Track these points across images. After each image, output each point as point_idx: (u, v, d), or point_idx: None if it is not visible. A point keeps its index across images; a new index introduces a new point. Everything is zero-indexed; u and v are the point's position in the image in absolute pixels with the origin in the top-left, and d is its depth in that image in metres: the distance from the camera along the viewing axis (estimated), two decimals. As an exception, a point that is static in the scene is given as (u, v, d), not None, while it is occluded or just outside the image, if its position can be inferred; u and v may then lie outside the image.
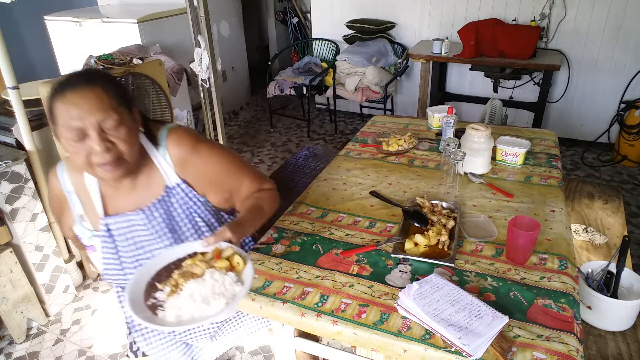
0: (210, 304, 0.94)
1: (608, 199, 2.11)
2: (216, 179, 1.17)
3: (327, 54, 4.58)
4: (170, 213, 1.15)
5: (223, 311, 0.93)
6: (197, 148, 1.15)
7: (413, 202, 1.47)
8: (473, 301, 1.02)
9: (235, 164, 1.20)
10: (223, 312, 0.93)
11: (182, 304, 0.94)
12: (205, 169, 1.16)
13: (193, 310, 0.93)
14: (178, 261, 1.05)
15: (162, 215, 1.14)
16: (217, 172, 1.17)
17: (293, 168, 2.70)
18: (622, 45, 3.51)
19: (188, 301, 0.94)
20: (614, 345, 1.28)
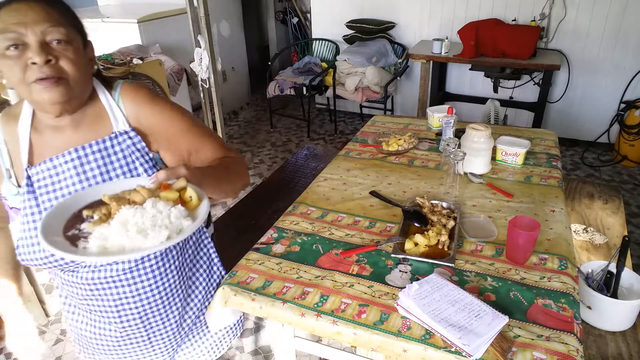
0: (147, 236, 0.79)
1: (608, 199, 2.11)
2: (173, 135, 1.04)
3: (327, 54, 4.58)
4: (110, 161, 0.97)
5: (162, 244, 0.79)
6: (155, 101, 1.03)
7: (413, 202, 1.47)
8: (473, 301, 1.02)
9: (196, 125, 1.07)
10: (161, 245, 0.79)
11: (111, 234, 0.79)
12: (161, 123, 1.02)
13: (124, 241, 0.78)
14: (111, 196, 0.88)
15: (97, 162, 0.96)
16: (175, 128, 1.04)
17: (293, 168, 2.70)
18: (622, 45, 3.51)
19: (119, 230, 0.79)
20: (614, 345, 1.28)
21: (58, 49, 0.86)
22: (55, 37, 0.86)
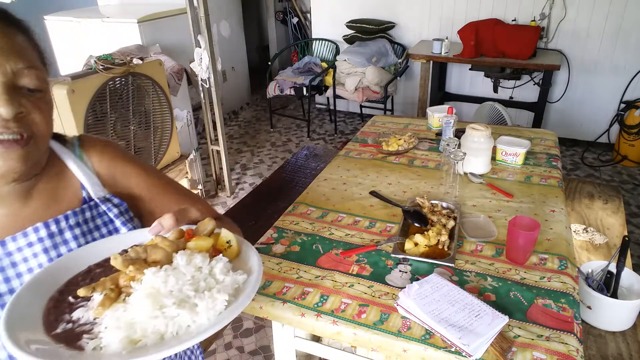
0: (196, 308, 0.55)
1: (608, 199, 2.11)
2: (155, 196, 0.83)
3: (327, 54, 4.58)
4: (93, 238, 0.74)
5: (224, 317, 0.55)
6: (128, 159, 0.82)
7: (413, 202, 1.47)
8: (473, 301, 1.02)
9: (177, 185, 0.90)
10: (225, 318, 0.55)
11: (137, 316, 0.54)
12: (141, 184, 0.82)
13: (160, 324, 0.54)
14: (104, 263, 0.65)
15: (77, 239, 0.72)
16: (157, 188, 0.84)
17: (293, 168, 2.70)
18: (622, 45, 3.51)
19: (150, 308, 0.54)
20: (614, 345, 1.28)
21: (30, 96, 0.65)
22: (30, 83, 0.64)
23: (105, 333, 0.53)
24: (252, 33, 5.90)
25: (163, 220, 0.67)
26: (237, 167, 3.81)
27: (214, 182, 3.41)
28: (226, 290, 0.57)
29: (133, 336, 0.53)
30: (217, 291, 0.57)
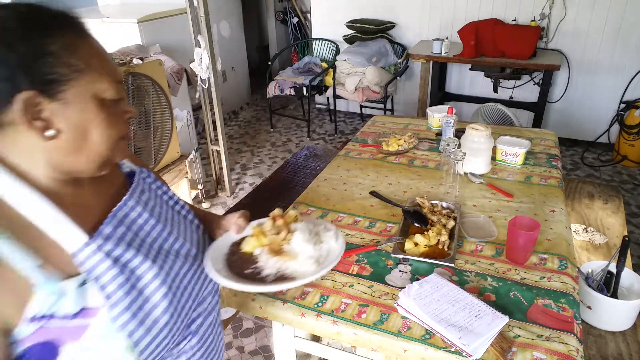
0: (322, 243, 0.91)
1: (608, 199, 2.11)
2: None
3: (327, 54, 4.58)
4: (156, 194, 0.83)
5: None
6: None
7: (413, 202, 1.47)
8: (473, 301, 1.02)
9: None
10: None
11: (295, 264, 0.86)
12: None
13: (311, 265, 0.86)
14: (231, 254, 0.89)
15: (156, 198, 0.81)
16: None
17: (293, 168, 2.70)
18: (622, 45, 3.51)
19: (305, 260, 0.86)
20: (614, 345, 1.28)
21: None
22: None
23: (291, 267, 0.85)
24: (252, 33, 5.90)
25: (239, 221, 0.90)
26: (237, 167, 3.81)
27: (214, 182, 3.41)
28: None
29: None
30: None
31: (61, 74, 0.59)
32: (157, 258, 0.72)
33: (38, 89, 0.58)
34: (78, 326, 0.61)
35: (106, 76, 0.64)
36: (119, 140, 0.68)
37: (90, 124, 0.63)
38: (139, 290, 0.67)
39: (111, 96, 0.65)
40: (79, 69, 0.61)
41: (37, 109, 0.59)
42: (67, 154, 0.63)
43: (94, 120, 0.63)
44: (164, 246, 0.76)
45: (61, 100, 0.60)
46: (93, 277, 0.63)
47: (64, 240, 0.63)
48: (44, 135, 0.60)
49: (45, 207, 0.62)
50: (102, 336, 0.62)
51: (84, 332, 0.61)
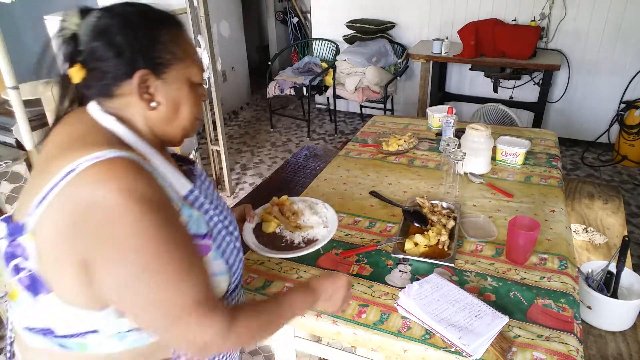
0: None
1: (608, 199, 2.11)
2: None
3: (327, 54, 4.58)
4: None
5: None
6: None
7: (413, 202, 1.47)
8: (473, 301, 1.02)
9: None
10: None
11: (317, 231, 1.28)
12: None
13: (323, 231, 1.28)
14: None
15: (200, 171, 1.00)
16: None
17: (293, 168, 2.70)
18: (622, 45, 3.51)
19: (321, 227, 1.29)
20: (614, 345, 1.28)
21: None
22: None
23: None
24: (252, 33, 5.90)
25: (252, 213, 1.25)
26: (237, 167, 3.81)
27: (214, 182, 3.41)
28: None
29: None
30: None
31: (167, 59, 0.76)
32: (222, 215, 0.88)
33: (150, 68, 0.74)
34: (205, 245, 0.80)
35: (196, 64, 0.81)
36: (196, 119, 0.84)
37: (182, 101, 0.80)
38: (228, 230, 0.86)
39: (198, 81, 0.82)
40: (179, 56, 0.78)
41: (146, 85, 0.75)
42: (162, 123, 0.80)
43: (185, 98, 0.80)
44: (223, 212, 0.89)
45: (164, 80, 0.77)
46: (204, 210, 0.82)
47: (177, 185, 0.79)
48: (150, 106, 0.77)
49: (159, 158, 0.79)
50: (212, 259, 0.80)
51: (209, 251, 0.80)
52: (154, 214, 0.67)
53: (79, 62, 0.74)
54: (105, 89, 0.75)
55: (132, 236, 0.66)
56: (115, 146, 0.71)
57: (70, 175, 0.65)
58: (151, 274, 0.67)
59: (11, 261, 0.71)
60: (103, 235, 0.65)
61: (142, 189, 0.67)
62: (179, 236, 0.72)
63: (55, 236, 0.67)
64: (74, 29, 0.74)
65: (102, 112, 0.76)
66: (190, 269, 0.71)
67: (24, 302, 0.73)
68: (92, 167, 0.66)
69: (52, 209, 0.66)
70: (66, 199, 0.65)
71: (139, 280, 0.67)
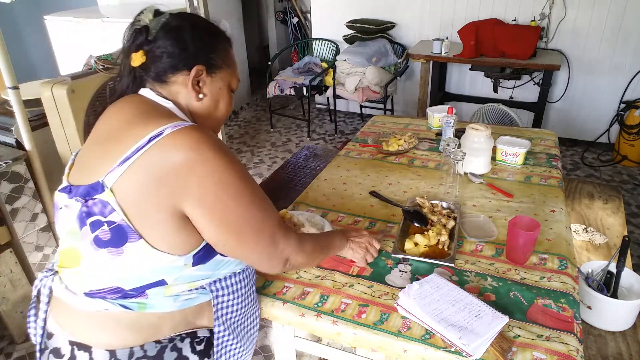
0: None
1: (608, 199, 2.11)
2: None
3: (327, 54, 4.58)
4: None
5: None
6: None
7: (413, 202, 1.47)
8: (473, 301, 1.02)
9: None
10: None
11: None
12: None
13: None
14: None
15: None
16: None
17: (293, 168, 2.70)
18: (622, 45, 3.51)
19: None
20: (614, 345, 1.28)
21: None
22: None
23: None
24: (252, 33, 5.90)
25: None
26: (237, 167, 3.80)
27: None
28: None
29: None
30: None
31: (219, 62, 0.94)
32: None
33: (205, 66, 0.91)
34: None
35: (236, 74, 1.01)
36: (224, 117, 1.01)
37: (220, 99, 0.97)
38: None
39: (234, 87, 1.01)
40: (227, 63, 0.96)
41: (198, 79, 0.91)
42: (202, 113, 0.95)
43: (224, 97, 0.98)
44: None
45: (213, 78, 0.94)
46: None
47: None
48: (198, 97, 0.93)
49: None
50: None
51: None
52: (236, 161, 0.85)
53: (144, 49, 0.88)
54: (163, 75, 0.90)
55: (228, 172, 0.82)
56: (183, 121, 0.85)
57: (157, 139, 0.78)
58: (247, 198, 0.85)
59: (88, 219, 0.80)
60: (213, 180, 0.80)
61: (223, 145, 0.84)
62: (251, 178, 0.89)
63: (144, 189, 0.78)
64: (147, 23, 0.88)
65: (159, 96, 0.91)
66: (267, 200, 0.91)
67: (94, 263, 0.82)
68: (179, 132, 0.80)
69: (137, 167, 0.78)
70: (155, 158, 0.78)
71: (239, 203, 0.84)
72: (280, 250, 0.93)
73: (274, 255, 0.93)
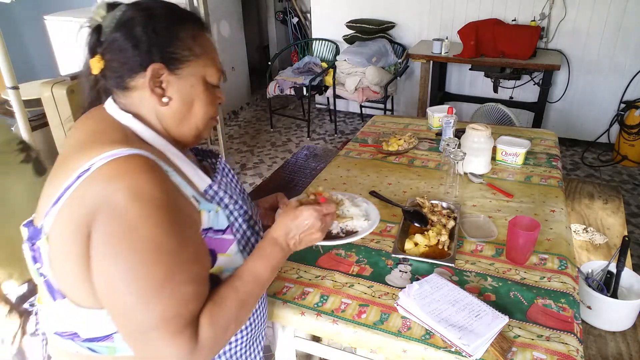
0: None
1: (608, 199, 2.11)
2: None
3: (327, 54, 4.58)
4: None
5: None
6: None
7: (413, 202, 1.47)
8: (473, 301, 1.02)
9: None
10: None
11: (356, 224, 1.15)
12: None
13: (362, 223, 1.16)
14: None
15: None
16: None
17: (293, 168, 2.70)
18: (622, 45, 3.51)
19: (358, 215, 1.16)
20: (614, 345, 1.28)
21: None
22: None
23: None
24: (252, 33, 5.90)
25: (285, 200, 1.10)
26: (237, 167, 3.81)
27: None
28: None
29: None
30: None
31: (183, 55, 0.76)
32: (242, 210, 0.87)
33: (164, 63, 0.75)
34: (227, 240, 0.81)
35: (214, 65, 0.81)
36: (210, 119, 0.83)
37: (195, 99, 0.79)
38: (249, 224, 0.87)
39: (214, 81, 0.82)
40: (196, 54, 0.78)
41: (159, 79, 0.76)
42: (174, 120, 0.79)
43: (198, 96, 0.80)
44: (244, 206, 0.89)
45: (178, 75, 0.77)
46: (224, 205, 0.82)
47: (196, 180, 0.80)
48: (161, 101, 0.77)
49: (178, 154, 0.79)
50: (233, 253, 0.82)
51: (230, 245, 0.81)
52: (156, 219, 0.66)
53: (99, 53, 0.75)
54: (121, 81, 0.76)
55: (129, 237, 0.65)
56: (131, 143, 0.71)
57: (85, 175, 0.66)
58: (135, 279, 0.65)
59: (35, 265, 0.71)
60: (106, 231, 0.65)
61: (150, 191, 0.66)
62: (174, 243, 0.68)
63: (65, 235, 0.67)
64: (99, 21, 0.75)
65: (118, 109, 0.77)
66: (172, 280, 0.67)
67: (49, 306, 0.74)
68: (105, 166, 0.66)
69: (65, 210, 0.66)
70: (79, 198, 0.66)
71: (123, 282, 0.65)
72: (156, 352, 0.67)
73: (148, 354, 0.68)
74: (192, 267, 0.71)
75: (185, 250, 0.70)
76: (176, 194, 0.72)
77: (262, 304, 0.94)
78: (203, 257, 0.76)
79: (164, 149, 0.77)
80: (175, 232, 0.68)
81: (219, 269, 0.80)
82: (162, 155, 0.76)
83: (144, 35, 0.73)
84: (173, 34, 0.76)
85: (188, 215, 0.74)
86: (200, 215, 0.76)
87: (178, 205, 0.72)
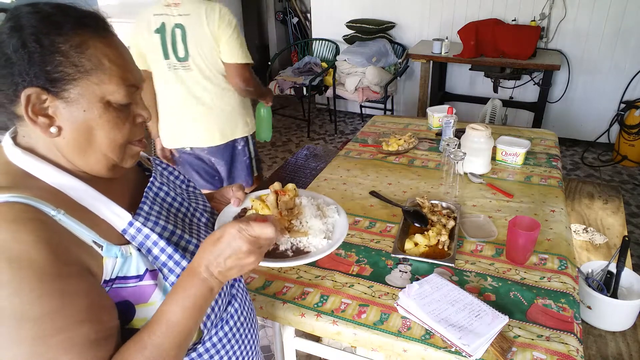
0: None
1: (608, 199, 2.11)
2: None
3: (327, 54, 4.58)
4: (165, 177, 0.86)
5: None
6: None
7: (413, 202, 1.47)
8: (473, 301, 1.02)
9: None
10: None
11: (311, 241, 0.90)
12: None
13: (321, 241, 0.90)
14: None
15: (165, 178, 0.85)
16: None
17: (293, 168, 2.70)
18: (622, 45, 3.51)
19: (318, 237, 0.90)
20: (614, 345, 1.28)
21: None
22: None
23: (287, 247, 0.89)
24: (252, 33, 5.90)
25: (238, 194, 0.93)
26: (237, 167, 3.80)
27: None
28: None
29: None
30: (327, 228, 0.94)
31: (67, 73, 0.60)
32: (191, 230, 0.78)
33: (43, 86, 0.59)
34: (147, 286, 0.67)
35: (115, 79, 0.64)
36: (126, 144, 0.68)
37: (92, 125, 0.63)
38: (185, 258, 0.71)
39: (119, 100, 0.64)
40: (86, 69, 0.61)
41: (43, 106, 0.60)
42: (73, 152, 0.64)
43: (95, 121, 0.63)
44: (193, 220, 0.82)
45: (65, 99, 0.61)
46: (145, 248, 0.68)
47: (112, 219, 0.67)
48: (48, 132, 0.61)
49: (87, 191, 0.65)
50: (157, 300, 0.67)
51: (152, 292, 0.67)
52: (20, 282, 0.54)
53: None
54: (5, 110, 0.62)
55: None
56: (14, 188, 0.59)
57: None
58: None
59: None
60: None
61: (17, 248, 0.54)
62: (46, 307, 0.55)
63: None
64: None
65: (11, 145, 0.63)
66: (45, 352, 0.55)
67: None
68: None
69: None
70: None
71: None
72: None
73: None
74: (77, 329, 0.57)
75: (66, 311, 0.56)
76: (63, 244, 0.59)
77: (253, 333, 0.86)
78: (101, 313, 0.61)
79: (66, 187, 0.64)
80: (49, 293, 0.55)
81: (144, 321, 0.66)
82: (56, 196, 0.62)
83: (12, 53, 0.58)
84: (50, 48, 0.59)
85: (79, 266, 0.60)
86: (102, 263, 0.63)
87: (60, 258, 0.57)
